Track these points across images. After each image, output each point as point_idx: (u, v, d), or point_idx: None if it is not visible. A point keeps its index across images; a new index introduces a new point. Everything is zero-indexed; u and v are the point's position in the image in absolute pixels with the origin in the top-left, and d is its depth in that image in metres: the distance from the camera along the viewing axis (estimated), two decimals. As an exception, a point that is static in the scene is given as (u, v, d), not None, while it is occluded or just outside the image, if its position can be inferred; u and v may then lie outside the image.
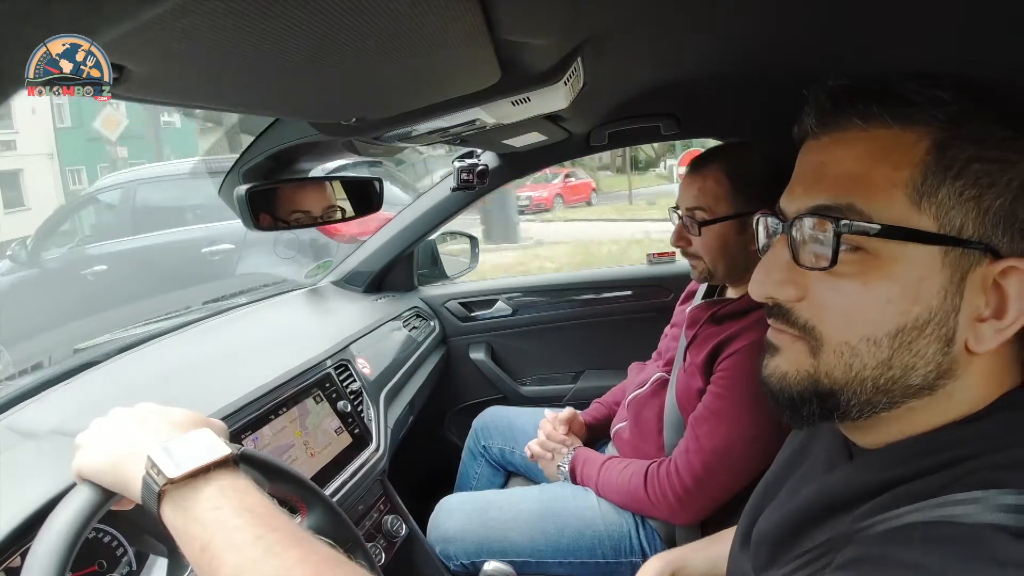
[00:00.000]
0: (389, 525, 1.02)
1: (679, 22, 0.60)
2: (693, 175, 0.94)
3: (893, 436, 0.39)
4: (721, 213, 0.90)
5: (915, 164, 0.35)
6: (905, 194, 0.36)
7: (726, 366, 0.88)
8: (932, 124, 0.36)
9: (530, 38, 0.49)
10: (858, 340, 0.37)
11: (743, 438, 0.84)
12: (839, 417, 0.39)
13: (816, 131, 0.41)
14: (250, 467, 0.61)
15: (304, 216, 0.90)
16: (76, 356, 1.00)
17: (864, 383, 0.37)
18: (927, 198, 0.35)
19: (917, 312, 0.36)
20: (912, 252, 0.35)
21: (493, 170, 1.36)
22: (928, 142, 0.35)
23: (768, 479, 0.56)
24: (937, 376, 0.37)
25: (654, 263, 1.66)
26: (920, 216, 0.35)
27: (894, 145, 0.36)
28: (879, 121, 0.37)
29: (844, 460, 0.44)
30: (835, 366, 0.38)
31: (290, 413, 0.90)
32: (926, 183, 0.35)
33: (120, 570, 0.61)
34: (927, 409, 0.38)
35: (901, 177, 0.36)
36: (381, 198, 1.01)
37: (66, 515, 0.45)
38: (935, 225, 0.35)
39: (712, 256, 0.93)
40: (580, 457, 1.07)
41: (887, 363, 0.37)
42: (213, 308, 1.34)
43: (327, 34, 0.35)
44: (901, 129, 0.36)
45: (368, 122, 0.66)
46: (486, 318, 1.67)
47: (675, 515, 0.91)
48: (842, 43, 0.65)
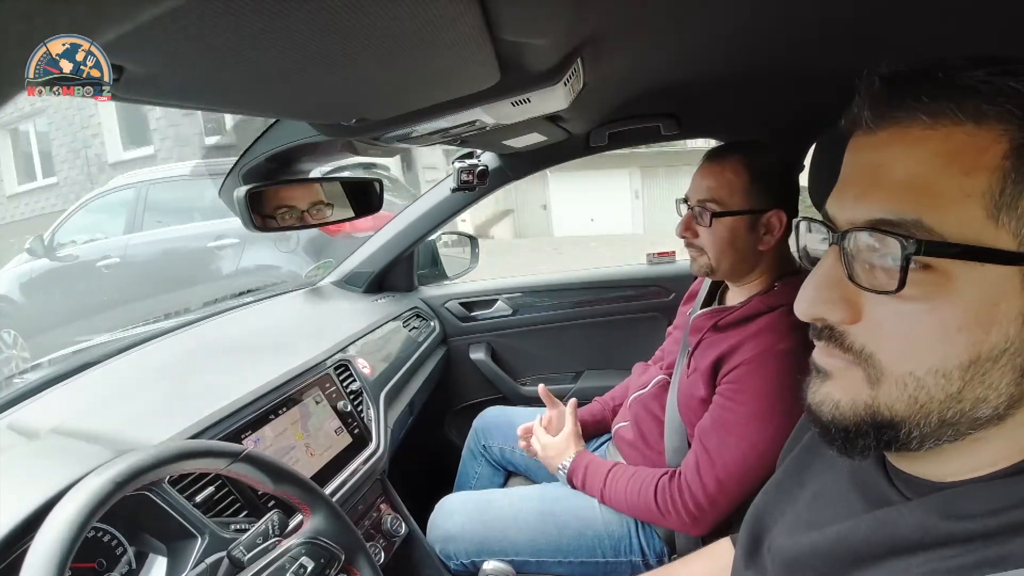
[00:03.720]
0: (389, 525, 1.02)
1: (679, 22, 0.60)
2: (710, 166, 0.92)
3: (956, 471, 0.35)
4: (735, 207, 0.89)
5: (992, 170, 0.30)
6: (981, 206, 0.30)
7: (733, 377, 0.86)
8: (1009, 121, 0.30)
9: (530, 39, 0.49)
10: (925, 372, 0.32)
11: (755, 450, 0.83)
12: (896, 449, 0.35)
13: (871, 125, 0.34)
14: (255, 468, 0.61)
15: (304, 217, 0.90)
16: (76, 356, 1.00)
17: (929, 416, 0.33)
18: (1007, 211, 0.30)
19: (993, 342, 0.31)
20: (988, 274, 0.31)
21: (493, 170, 1.37)
22: (1007, 143, 0.30)
23: (772, 488, 0.53)
24: (1008, 406, 0.32)
25: (654, 263, 1.66)
26: (998, 232, 0.30)
27: (966, 146, 0.31)
28: (949, 117, 0.31)
29: (881, 479, 0.40)
30: (897, 398, 0.34)
31: (291, 414, 0.90)
32: (1005, 193, 0.30)
33: (119, 569, 0.61)
34: (995, 440, 0.34)
35: (976, 186, 0.30)
36: (381, 199, 1.01)
37: (74, 504, 0.46)
38: (1015, 242, 0.30)
39: (718, 250, 0.92)
40: (582, 463, 1.04)
41: (957, 396, 0.32)
42: (213, 308, 1.34)
43: (327, 35, 0.35)
44: (975, 127, 0.31)
45: (368, 123, 0.66)
46: (486, 318, 1.67)
47: (688, 529, 0.90)
48: (843, 43, 0.65)
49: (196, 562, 0.62)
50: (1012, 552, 0.31)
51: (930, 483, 0.37)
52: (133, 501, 0.59)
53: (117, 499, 0.49)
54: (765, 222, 0.90)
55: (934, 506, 0.35)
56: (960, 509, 0.33)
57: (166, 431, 0.73)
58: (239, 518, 0.72)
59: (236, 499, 0.73)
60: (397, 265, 1.58)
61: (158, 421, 0.75)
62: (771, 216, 0.89)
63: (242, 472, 0.60)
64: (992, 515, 0.32)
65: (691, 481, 0.88)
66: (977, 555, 0.32)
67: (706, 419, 0.89)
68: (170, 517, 0.63)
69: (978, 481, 0.34)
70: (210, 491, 0.70)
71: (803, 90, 0.97)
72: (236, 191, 0.79)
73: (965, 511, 0.33)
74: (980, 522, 0.32)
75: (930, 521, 0.34)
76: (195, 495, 0.68)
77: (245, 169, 0.84)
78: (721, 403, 0.88)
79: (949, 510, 0.34)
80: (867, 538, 0.37)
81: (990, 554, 0.31)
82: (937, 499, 0.35)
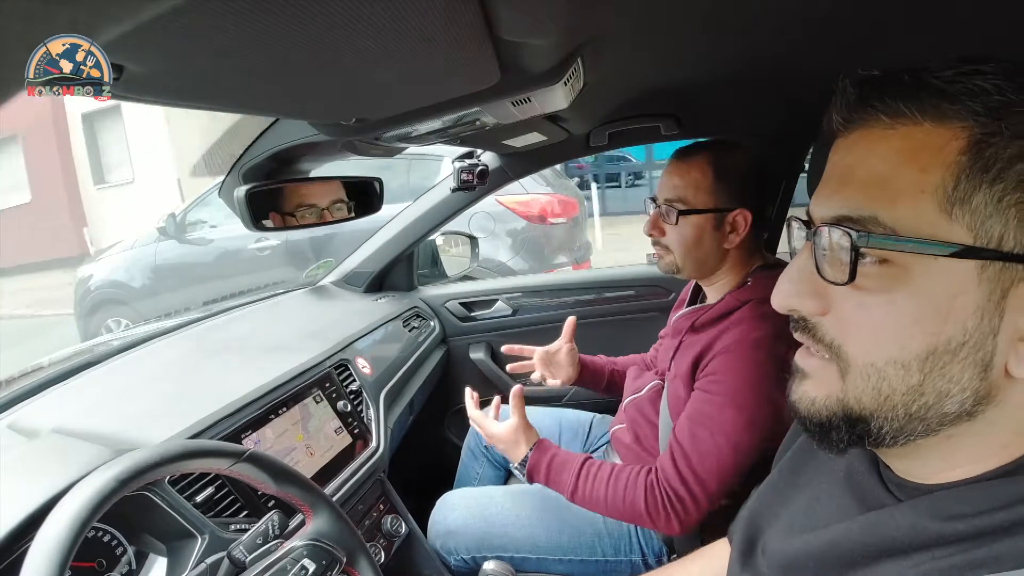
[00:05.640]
0: (389, 525, 1.02)
1: (679, 22, 0.60)
2: (678, 164, 0.93)
3: (938, 470, 0.36)
4: (700, 205, 0.90)
5: (947, 166, 0.31)
6: (935, 201, 0.32)
7: (709, 369, 0.86)
8: (969, 119, 0.31)
9: (530, 38, 0.49)
10: (884, 362, 0.34)
11: (729, 440, 0.81)
12: (871, 444, 0.37)
13: (842, 128, 0.37)
14: (257, 468, 0.61)
15: (304, 217, 0.90)
16: (76, 356, 1.00)
17: (895, 409, 0.34)
18: (960, 205, 0.31)
19: (950, 334, 0.32)
20: (944, 267, 0.32)
21: (493, 170, 1.37)
22: (963, 140, 0.31)
23: (766, 490, 0.53)
24: (975, 403, 0.33)
25: (654, 263, 1.66)
26: (952, 226, 0.31)
27: (924, 144, 0.32)
28: (908, 117, 0.33)
29: (874, 483, 0.41)
30: (864, 390, 0.35)
31: (291, 415, 0.90)
32: (959, 188, 0.31)
33: (120, 569, 0.61)
34: (969, 437, 0.35)
35: (930, 181, 0.32)
36: (381, 198, 1.01)
37: (76, 502, 0.46)
38: (969, 236, 0.31)
39: (683, 249, 0.93)
40: (543, 459, 0.93)
41: (918, 389, 0.33)
42: (213, 308, 1.34)
43: (327, 34, 0.35)
44: (933, 126, 0.32)
45: (368, 122, 0.66)
46: (486, 318, 1.66)
47: (674, 528, 0.85)
48: (843, 42, 0.65)
49: (196, 562, 0.62)
50: (1002, 552, 0.31)
51: (920, 486, 0.38)
52: (133, 501, 0.59)
53: (119, 498, 0.49)
54: (731, 221, 0.90)
55: (925, 508, 0.35)
56: (950, 510, 0.34)
57: (166, 431, 0.73)
58: (239, 518, 0.72)
59: (236, 499, 0.73)
60: (397, 265, 1.58)
61: (158, 421, 0.75)
62: (736, 215, 0.90)
63: (245, 472, 0.60)
64: (981, 516, 0.32)
65: (667, 473, 0.85)
66: (968, 555, 0.32)
67: (682, 416, 0.88)
68: (170, 517, 0.63)
69: (967, 483, 0.35)
70: (210, 491, 0.70)
71: (804, 91, 0.97)
72: (236, 190, 0.79)
73: (955, 512, 0.34)
74: (970, 523, 0.33)
75: (921, 523, 0.35)
76: (195, 495, 0.68)
77: (245, 168, 0.84)
78: (698, 396, 0.87)
79: (939, 512, 0.34)
80: (860, 540, 0.38)
81: (980, 554, 0.32)
82: (928, 501, 0.36)
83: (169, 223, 4.02)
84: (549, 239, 3.60)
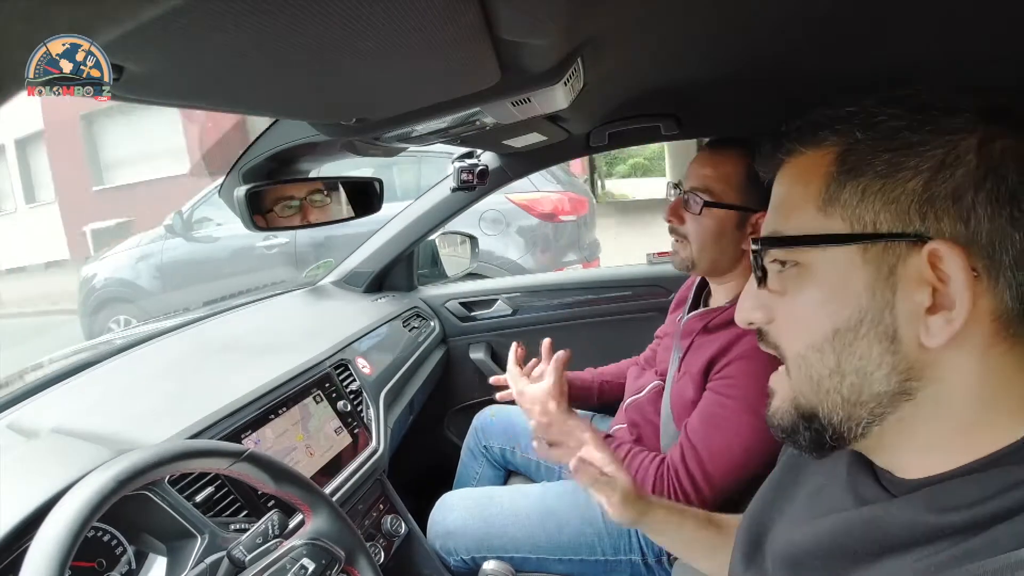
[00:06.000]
0: (388, 525, 1.02)
1: (679, 22, 0.60)
2: (711, 155, 0.91)
3: (911, 462, 0.38)
4: (728, 200, 0.88)
5: (821, 176, 0.38)
6: (815, 206, 0.38)
7: (725, 373, 0.86)
8: (840, 138, 0.38)
9: (530, 38, 0.49)
10: (805, 348, 0.39)
11: (742, 444, 0.82)
12: (833, 440, 0.39)
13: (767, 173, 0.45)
14: (257, 468, 0.61)
15: (304, 207, 0.89)
16: (76, 356, 1.00)
17: (830, 395, 0.38)
18: (831, 203, 0.38)
19: (847, 313, 0.37)
20: (831, 255, 0.38)
21: (493, 170, 1.36)
22: (833, 155, 0.38)
23: (770, 488, 0.54)
24: (902, 378, 0.36)
25: (654, 263, 1.66)
26: (827, 220, 0.38)
27: (806, 167, 0.40)
28: (798, 151, 0.41)
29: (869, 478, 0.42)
30: (801, 382, 0.40)
31: (291, 415, 0.90)
32: (829, 189, 0.38)
33: (119, 569, 0.61)
34: (920, 420, 0.37)
35: (810, 192, 0.39)
36: (381, 198, 1.01)
37: (76, 501, 0.46)
38: (845, 226, 0.37)
39: (702, 242, 0.91)
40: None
41: (838, 370, 0.38)
42: (213, 308, 1.34)
43: (326, 34, 0.35)
44: (815, 150, 0.39)
45: (368, 122, 0.66)
46: (486, 318, 1.66)
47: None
48: (844, 42, 0.65)
49: (196, 562, 0.62)
50: (996, 539, 0.32)
51: (906, 481, 0.39)
52: (133, 501, 0.59)
53: (119, 498, 0.49)
54: (753, 222, 0.89)
55: (920, 502, 0.37)
56: (944, 503, 0.35)
57: (166, 431, 0.73)
58: (239, 518, 0.72)
59: (236, 499, 0.73)
60: (397, 265, 1.58)
61: (158, 421, 0.75)
62: (760, 217, 0.89)
63: (244, 472, 0.60)
64: (975, 506, 0.34)
65: (678, 469, 0.86)
66: (967, 544, 0.33)
67: (694, 415, 0.88)
68: (170, 517, 0.63)
69: (958, 475, 0.36)
70: (210, 491, 0.70)
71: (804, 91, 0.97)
72: (236, 190, 0.79)
73: (949, 504, 0.35)
74: (965, 514, 0.34)
75: (919, 517, 0.36)
76: (195, 495, 0.68)
77: (245, 168, 0.84)
78: (712, 399, 0.87)
79: (934, 504, 0.36)
80: (862, 537, 0.39)
81: (978, 542, 0.33)
82: (922, 495, 0.37)
83: (176, 221, 4.00)
84: (559, 237, 3.59)
